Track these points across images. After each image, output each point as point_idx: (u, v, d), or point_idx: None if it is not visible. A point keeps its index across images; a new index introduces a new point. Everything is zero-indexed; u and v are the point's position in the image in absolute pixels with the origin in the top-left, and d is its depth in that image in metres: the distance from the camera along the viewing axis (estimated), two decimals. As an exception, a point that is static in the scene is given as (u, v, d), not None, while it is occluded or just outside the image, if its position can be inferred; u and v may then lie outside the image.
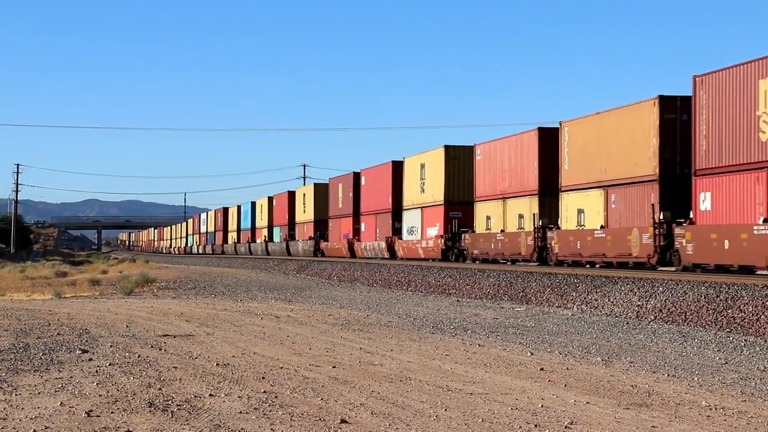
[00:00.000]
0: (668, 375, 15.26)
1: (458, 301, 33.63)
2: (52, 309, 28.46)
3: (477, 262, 46.66)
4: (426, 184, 53.19)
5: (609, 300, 28.07)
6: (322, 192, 77.04)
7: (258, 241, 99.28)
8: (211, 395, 12.89)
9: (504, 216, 44.33)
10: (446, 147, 50.52)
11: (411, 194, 55.64)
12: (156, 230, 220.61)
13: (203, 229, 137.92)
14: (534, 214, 41.12)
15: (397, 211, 58.23)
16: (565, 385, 14.04)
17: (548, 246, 40.11)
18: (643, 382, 14.40)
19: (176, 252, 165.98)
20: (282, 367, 15.64)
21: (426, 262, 51.51)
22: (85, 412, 11.64)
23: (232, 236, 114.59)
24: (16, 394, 13.00)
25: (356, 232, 66.55)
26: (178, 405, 12.16)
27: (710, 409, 12.31)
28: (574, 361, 16.87)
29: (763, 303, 22.31)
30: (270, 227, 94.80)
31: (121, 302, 32.63)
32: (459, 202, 49.95)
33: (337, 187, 71.14)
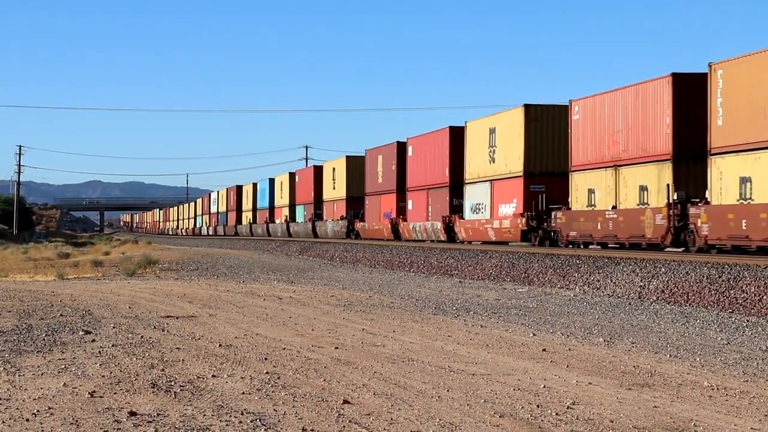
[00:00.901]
0: (670, 355, 15.28)
1: (460, 282, 33.66)
2: (55, 290, 28.51)
3: (574, 246, 38.23)
4: (497, 153, 44.43)
5: (611, 281, 28.08)
6: (355, 166, 68.65)
7: (277, 221, 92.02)
8: (213, 376, 12.92)
9: (617, 189, 35.45)
10: (526, 106, 42.02)
11: (476, 165, 46.75)
12: (161, 211, 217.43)
13: (213, 209, 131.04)
14: (668, 185, 32.65)
15: (456, 186, 49.31)
16: (567, 366, 14.07)
17: (690, 226, 31.47)
18: (645, 363, 14.42)
19: (184, 234, 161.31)
20: (284, 348, 15.67)
21: (430, 243, 51.29)
22: (89, 393, 11.67)
23: (246, 216, 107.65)
24: (19, 375, 13.03)
25: (401, 210, 57.96)
26: (180, 386, 12.19)
27: (712, 389, 12.33)
28: (576, 342, 16.89)
29: (765, 283, 22.33)
30: (292, 206, 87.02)
31: (124, 283, 32.68)
32: (542, 173, 41.77)
33: (376, 160, 62.32)
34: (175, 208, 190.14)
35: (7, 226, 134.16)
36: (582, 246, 37.79)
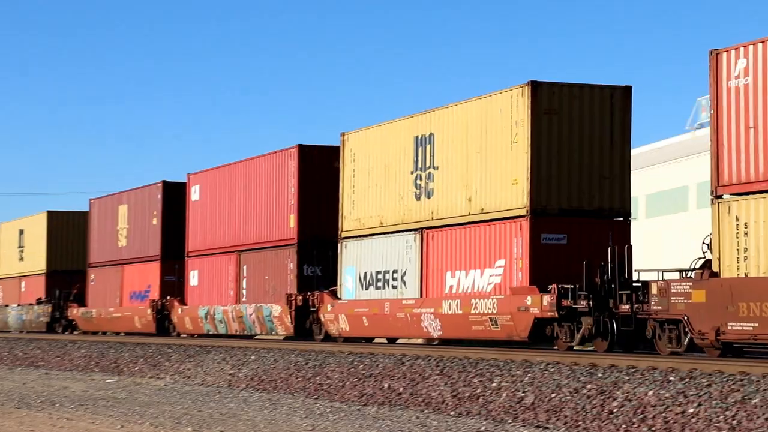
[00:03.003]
0: (257, 443, 15.48)
1: (47, 373, 32.45)
2: None
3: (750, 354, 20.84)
4: (441, 176, 26.29)
5: (202, 369, 28.15)
6: (64, 224, 49.06)
7: None
8: None
9: None
10: (534, 84, 23.69)
11: (377, 204, 28.45)
12: None
13: None
14: None
15: (315, 243, 31.13)
16: (155, 457, 13.90)
17: None
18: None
19: None
20: None
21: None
22: None
23: None
24: None
25: (169, 287, 38.65)
26: None
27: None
28: (164, 432, 16.75)
29: (348, 369, 23.23)
30: None
31: None
32: (564, 212, 23.97)
33: (114, 213, 42.88)
34: None
35: None
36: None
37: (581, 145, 24.05)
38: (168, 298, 38.12)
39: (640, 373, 17.47)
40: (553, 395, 17.36)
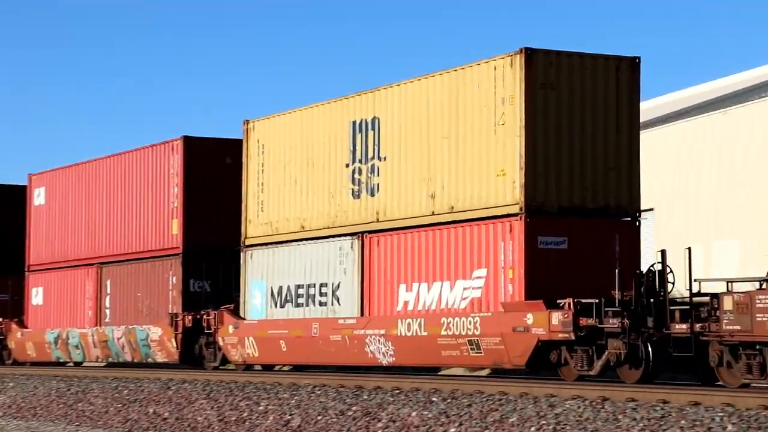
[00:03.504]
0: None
1: None
2: None
3: None
4: (389, 169, 21.67)
5: (-46, 399, 27.05)
6: None
7: None
8: None
9: None
10: (529, 51, 19.33)
11: (295, 204, 23.74)
12: None
13: None
14: None
15: (206, 252, 26.42)
16: None
17: None
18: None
19: None
20: None
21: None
22: None
23: None
24: None
25: (3, 308, 33.45)
26: None
27: None
28: None
29: (112, 395, 22.85)
30: None
31: None
32: (563, 210, 19.55)
33: None
34: None
35: None
36: None
37: (583, 129, 19.60)
38: (2, 320, 32.70)
39: (405, 394, 17.64)
40: (320, 417, 17.43)
